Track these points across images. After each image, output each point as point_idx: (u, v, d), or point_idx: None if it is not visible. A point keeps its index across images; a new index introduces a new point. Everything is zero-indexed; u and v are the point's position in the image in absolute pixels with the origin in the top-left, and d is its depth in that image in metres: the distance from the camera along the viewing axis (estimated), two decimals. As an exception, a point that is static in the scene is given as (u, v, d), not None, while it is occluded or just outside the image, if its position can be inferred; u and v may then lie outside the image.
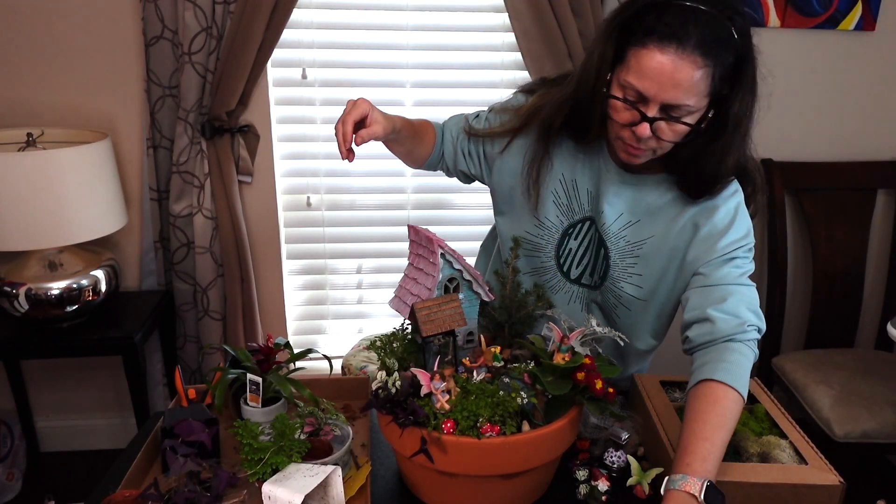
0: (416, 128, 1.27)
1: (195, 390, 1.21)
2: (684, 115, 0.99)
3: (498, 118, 1.27)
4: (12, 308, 1.80)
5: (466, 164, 1.31)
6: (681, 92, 0.96)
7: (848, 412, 1.85)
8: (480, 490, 0.98)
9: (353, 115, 1.09)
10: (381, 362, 1.07)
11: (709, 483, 0.91)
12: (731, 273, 1.09)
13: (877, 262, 2.36)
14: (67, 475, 2.26)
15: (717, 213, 1.12)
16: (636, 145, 1.05)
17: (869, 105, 2.25)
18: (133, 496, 0.96)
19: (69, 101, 1.99)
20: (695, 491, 0.90)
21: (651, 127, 1.01)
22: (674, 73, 0.95)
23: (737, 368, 1.01)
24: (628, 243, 1.18)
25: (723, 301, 1.06)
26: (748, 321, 1.05)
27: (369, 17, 2.04)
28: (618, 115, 1.04)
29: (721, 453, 0.95)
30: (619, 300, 1.23)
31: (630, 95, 1.01)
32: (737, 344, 1.04)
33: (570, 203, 1.22)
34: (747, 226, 1.13)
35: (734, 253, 1.10)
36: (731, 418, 0.98)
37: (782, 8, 2.08)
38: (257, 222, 2.17)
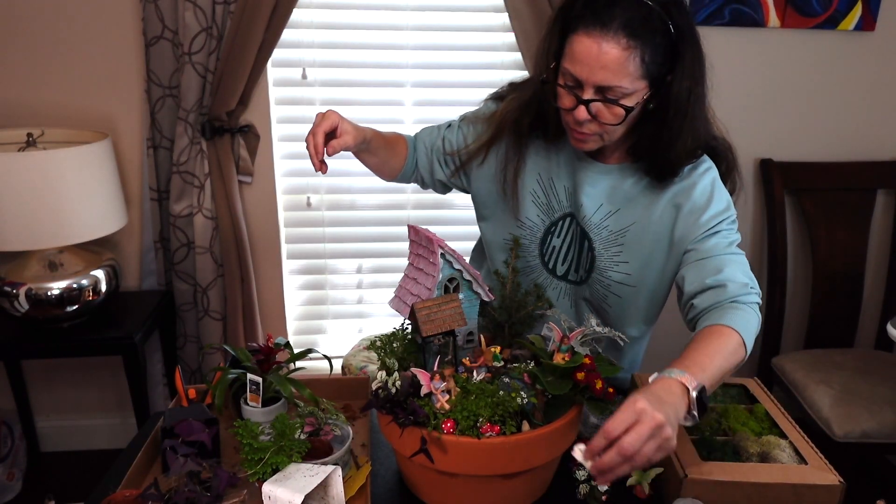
0: (388, 139, 1.30)
1: (195, 390, 1.21)
2: (619, 97, 1.03)
3: (471, 128, 1.31)
4: (12, 308, 1.80)
5: (444, 172, 1.34)
6: (609, 73, 1.00)
7: (848, 412, 1.85)
8: (480, 490, 0.98)
9: (324, 126, 1.10)
10: (381, 362, 1.07)
11: (702, 387, 0.90)
12: (720, 244, 1.12)
13: (877, 262, 2.36)
14: (67, 475, 2.26)
15: (695, 191, 1.15)
16: (579, 129, 1.09)
17: (869, 105, 2.25)
18: (133, 496, 0.96)
19: (69, 101, 1.99)
20: (690, 385, 0.89)
21: (589, 110, 1.05)
22: (599, 55, 1.00)
23: (743, 322, 1.02)
24: (611, 232, 1.21)
25: (719, 271, 1.09)
26: (749, 283, 1.08)
27: (369, 16, 2.04)
28: (561, 101, 1.09)
29: (716, 377, 0.95)
30: (609, 289, 1.25)
31: (569, 81, 1.06)
32: (742, 305, 1.06)
33: (549, 201, 1.26)
34: (726, 199, 1.17)
35: (718, 226, 1.13)
36: (731, 353, 0.98)
37: (782, 8, 2.08)
38: (257, 222, 2.17)
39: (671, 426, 0.83)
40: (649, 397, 0.84)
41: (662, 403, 0.84)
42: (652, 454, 0.82)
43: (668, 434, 0.82)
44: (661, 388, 0.88)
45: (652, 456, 0.82)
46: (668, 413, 0.83)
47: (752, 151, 2.26)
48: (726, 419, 1.15)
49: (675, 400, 0.87)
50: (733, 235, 1.15)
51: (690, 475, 0.98)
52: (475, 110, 1.33)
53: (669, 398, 0.87)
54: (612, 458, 0.81)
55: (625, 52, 0.99)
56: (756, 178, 2.29)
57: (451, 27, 2.08)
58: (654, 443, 0.82)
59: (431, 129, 1.36)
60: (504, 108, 1.24)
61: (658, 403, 0.84)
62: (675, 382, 0.90)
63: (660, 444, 0.82)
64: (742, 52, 2.14)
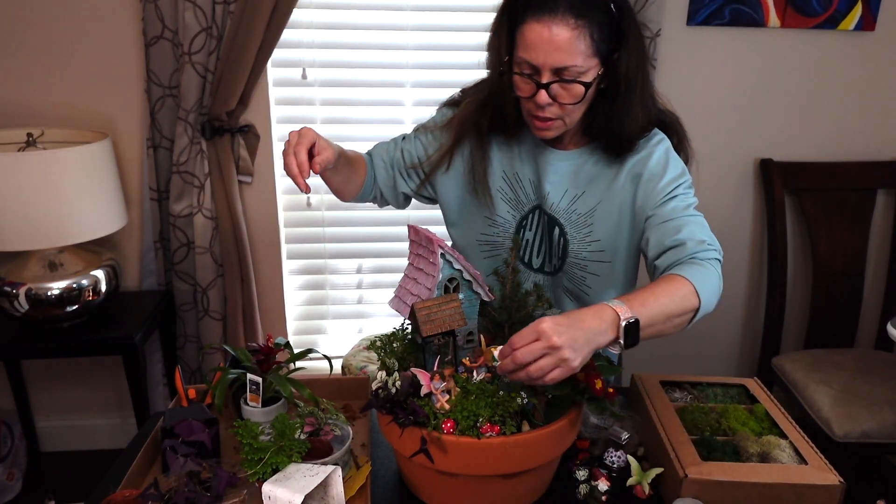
0: (350, 157, 1.30)
1: (195, 390, 1.21)
2: (575, 75, 1.08)
3: (429, 136, 1.33)
4: (12, 308, 1.80)
5: (408, 185, 1.36)
6: (563, 54, 1.05)
7: (848, 412, 1.85)
8: (480, 490, 0.98)
9: (304, 144, 1.07)
10: (381, 362, 1.07)
11: (636, 320, 0.93)
12: (678, 207, 1.16)
13: (877, 262, 2.36)
14: (67, 475, 2.26)
15: (650, 160, 1.20)
16: (542, 115, 1.13)
17: (869, 105, 2.25)
18: (133, 496, 0.96)
19: (69, 101, 1.99)
20: (623, 314, 0.93)
21: (549, 93, 1.09)
22: (552, 37, 1.05)
23: (697, 273, 1.04)
24: (580, 215, 1.25)
25: (678, 231, 1.12)
26: (706, 241, 1.11)
27: (369, 17, 2.04)
28: (520, 90, 1.13)
29: (659, 315, 0.98)
30: (586, 270, 1.28)
31: (525, 69, 1.10)
32: (699, 261, 1.08)
33: (517, 196, 1.29)
34: (681, 165, 1.22)
35: (675, 191, 1.17)
36: (679, 297, 1.01)
37: (782, 8, 2.08)
38: (257, 222, 2.17)
39: (571, 349, 0.88)
40: (559, 320, 0.90)
41: (570, 328, 0.89)
42: (548, 369, 0.88)
43: (564, 356, 0.88)
44: (585, 313, 0.93)
45: (549, 371, 0.88)
46: (573, 337, 0.89)
47: (752, 151, 2.26)
48: (726, 419, 1.15)
49: (591, 325, 0.91)
50: (690, 199, 1.19)
51: (690, 475, 0.98)
52: (429, 119, 1.36)
53: (585, 324, 0.91)
54: (508, 364, 0.90)
55: (574, 31, 1.05)
56: (756, 178, 2.29)
57: (451, 27, 2.08)
58: (549, 360, 0.88)
59: (387, 144, 1.37)
60: (461, 112, 1.28)
61: (565, 327, 0.89)
62: (609, 309, 0.94)
63: (555, 363, 0.88)
64: (742, 52, 2.14)
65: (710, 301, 1.04)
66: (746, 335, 2.49)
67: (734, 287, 2.41)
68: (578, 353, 0.89)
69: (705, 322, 1.09)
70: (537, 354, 0.88)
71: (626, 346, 0.93)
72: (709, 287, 1.04)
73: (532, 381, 0.89)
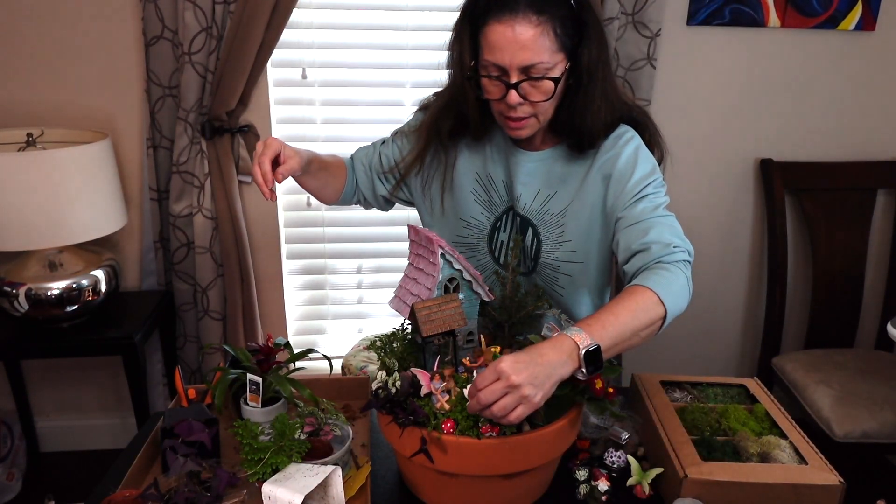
0: (327, 162, 1.33)
1: (195, 390, 1.22)
2: (543, 72, 1.08)
3: (404, 140, 1.35)
4: (12, 308, 1.80)
5: (385, 188, 1.38)
6: (530, 52, 1.06)
7: (848, 412, 1.85)
8: (480, 490, 0.98)
9: (268, 154, 1.12)
10: (381, 362, 1.07)
11: (597, 346, 0.93)
12: (646, 208, 1.16)
13: (877, 262, 2.36)
14: (67, 475, 2.26)
15: (619, 160, 1.19)
16: (514, 115, 1.13)
17: (869, 105, 2.25)
18: (133, 496, 0.96)
19: (69, 101, 1.99)
20: (581, 343, 0.93)
21: (519, 93, 1.10)
22: (515, 36, 1.05)
23: (663, 280, 1.05)
24: (553, 215, 1.25)
25: (645, 233, 1.12)
26: (672, 243, 1.11)
27: (369, 17, 2.04)
28: (489, 93, 1.14)
29: (622, 333, 0.98)
30: (558, 271, 1.28)
31: (493, 72, 1.11)
32: (666, 265, 1.08)
33: (490, 197, 1.30)
34: (651, 163, 1.21)
35: (644, 190, 1.17)
36: (643, 310, 1.01)
37: (782, 8, 2.08)
38: (257, 222, 2.17)
39: (531, 385, 0.88)
40: (518, 357, 0.90)
41: (529, 364, 0.89)
42: (510, 407, 0.88)
43: (524, 393, 0.88)
44: (544, 347, 0.93)
45: (511, 409, 0.88)
46: (532, 374, 0.89)
47: (752, 151, 2.26)
48: (726, 419, 1.15)
49: (551, 359, 0.91)
50: (660, 198, 1.18)
51: (690, 475, 0.98)
52: (406, 122, 1.37)
53: (544, 358, 0.91)
54: (474, 405, 0.91)
55: (537, 28, 1.05)
56: (756, 178, 2.29)
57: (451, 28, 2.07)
58: (510, 399, 0.88)
59: (367, 148, 1.40)
60: (427, 117, 1.29)
61: (524, 364, 0.89)
62: (567, 340, 0.94)
63: (517, 401, 0.88)
64: (742, 52, 2.14)
65: (678, 305, 1.05)
66: (746, 335, 2.49)
67: (734, 287, 2.41)
68: (539, 388, 0.89)
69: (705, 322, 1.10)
70: (499, 395, 0.88)
71: (588, 374, 0.94)
72: (674, 292, 1.04)
73: (498, 419, 0.90)
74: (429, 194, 1.34)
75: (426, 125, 1.29)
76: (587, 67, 1.11)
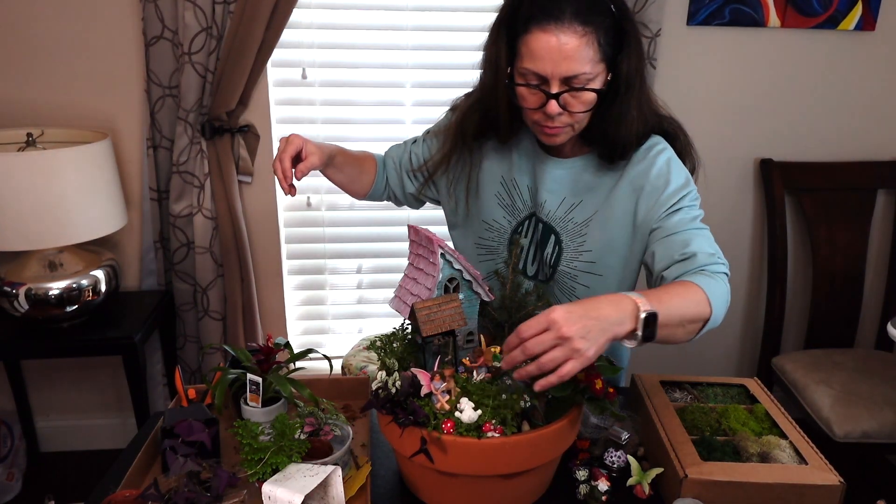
0: (355, 157, 1.33)
1: (195, 390, 1.21)
2: (584, 83, 1.06)
3: (434, 140, 1.34)
4: (12, 308, 1.80)
5: (413, 184, 1.38)
6: (573, 62, 1.03)
7: (848, 412, 1.85)
8: (480, 490, 0.98)
9: (289, 151, 1.14)
10: (381, 362, 1.07)
11: (655, 313, 0.90)
12: (684, 219, 1.14)
13: (877, 262, 2.36)
14: (67, 475, 2.26)
15: (651, 172, 1.17)
16: (551, 125, 1.11)
17: (869, 105, 2.25)
18: (133, 496, 0.96)
19: (69, 101, 1.99)
20: (642, 306, 0.90)
21: (559, 102, 1.07)
22: (560, 47, 1.03)
23: (711, 284, 1.03)
24: (576, 224, 1.23)
25: (687, 244, 1.10)
26: (716, 254, 1.10)
27: (369, 17, 2.04)
28: (526, 101, 1.11)
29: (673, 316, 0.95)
30: (576, 280, 1.26)
31: (531, 80, 1.08)
32: (710, 273, 1.07)
33: (513, 202, 1.28)
34: (684, 175, 1.19)
35: (679, 203, 1.16)
36: (693, 302, 0.99)
37: (782, 8, 2.08)
38: (257, 222, 2.17)
39: (584, 339, 0.85)
40: (572, 308, 0.87)
41: (583, 317, 0.86)
42: (559, 360, 0.85)
43: (576, 346, 0.84)
44: (601, 301, 0.90)
45: (561, 363, 0.85)
46: (586, 327, 0.86)
47: (752, 151, 2.26)
48: (726, 419, 1.15)
49: (608, 314, 0.89)
50: (695, 211, 1.17)
51: (690, 475, 0.98)
52: (437, 122, 1.37)
53: (601, 312, 0.88)
54: (516, 356, 0.87)
55: (582, 38, 1.03)
56: (756, 178, 2.29)
57: (451, 28, 2.08)
58: (560, 351, 0.85)
59: (399, 146, 1.40)
60: (454, 118, 1.29)
61: (577, 317, 0.86)
62: (627, 299, 0.91)
63: (567, 354, 0.85)
64: (742, 52, 2.14)
65: (720, 313, 1.03)
66: (746, 335, 2.49)
67: (734, 287, 2.38)
68: (592, 343, 0.86)
69: (705, 322, 1.09)
70: (548, 346, 0.85)
71: (643, 340, 0.91)
72: (720, 299, 1.03)
73: (541, 369, 0.85)
74: (454, 195, 1.33)
75: (453, 126, 1.28)
76: (626, 78, 1.09)
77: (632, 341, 0.91)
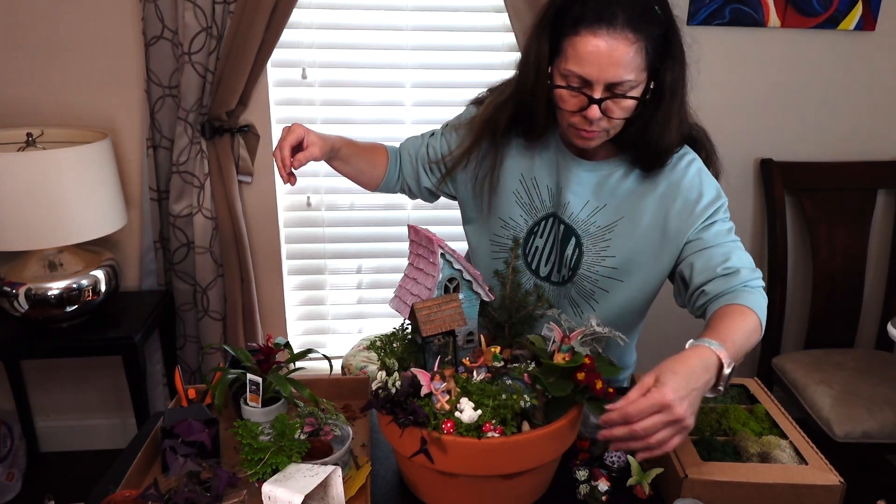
0: (363, 149, 1.32)
1: (195, 390, 1.21)
2: (627, 90, 1.05)
3: (454, 134, 1.32)
4: (12, 308, 1.80)
5: (430, 180, 1.36)
6: (621, 69, 1.02)
7: (848, 412, 1.85)
8: (480, 490, 0.98)
9: (289, 139, 1.13)
10: (381, 362, 1.07)
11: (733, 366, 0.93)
12: (721, 231, 1.15)
13: (877, 262, 2.36)
14: (67, 475, 2.26)
15: (682, 184, 1.17)
16: (589, 129, 1.09)
17: (869, 105, 2.25)
18: (133, 496, 0.96)
19: (69, 101, 1.99)
20: (725, 361, 0.92)
21: (600, 107, 1.05)
22: (610, 52, 1.01)
23: (759, 304, 1.06)
24: (599, 228, 1.22)
25: (727, 258, 1.12)
26: (755, 268, 1.12)
27: (369, 17, 2.04)
28: (565, 103, 1.09)
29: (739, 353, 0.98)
30: (596, 284, 1.25)
31: (574, 82, 1.06)
32: (752, 289, 1.09)
33: (531, 201, 1.27)
34: (715, 186, 1.19)
35: (714, 215, 1.16)
36: (752, 332, 1.02)
37: (782, 8, 2.08)
38: (257, 222, 2.17)
39: (692, 414, 0.86)
40: (678, 385, 0.86)
41: (690, 392, 0.87)
42: (667, 440, 0.86)
43: (687, 424, 0.85)
44: (694, 367, 0.90)
45: (667, 442, 0.86)
46: (693, 399, 0.86)
47: (752, 151, 2.26)
48: (726, 419, 1.15)
49: (705, 379, 0.90)
50: (729, 223, 1.18)
51: (690, 475, 0.98)
52: (457, 116, 1.35)
53: (699, 380, 0.89)
54: (622, 433, 0.86)
55: (633, 46, 1.01)
56: (756, 178, 2.29)
57: (451, 27, 2.07)
58: (671, 431, 0.85)
59: (416, 139, 1.38)
60: (482, 112, 1.26)
61: (685, 393, 0.86)
62: (712, 356, 0.92)
63: (677, 432, 0.86)
64: (742, 52, 2.14)
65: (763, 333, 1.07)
66: (746, 335, 2.48)
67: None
68: (696, 411, 0.88)
69: (706, 322, 1.09)
70: (660, 428, 0.85)
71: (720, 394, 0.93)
72: (764, 316, 1.07)
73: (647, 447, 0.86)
74: (475, 191, 1.31)
75: (479, 121, 1.25)
76: (670, 86, 1.09)
77: (712, 393, 0.93)
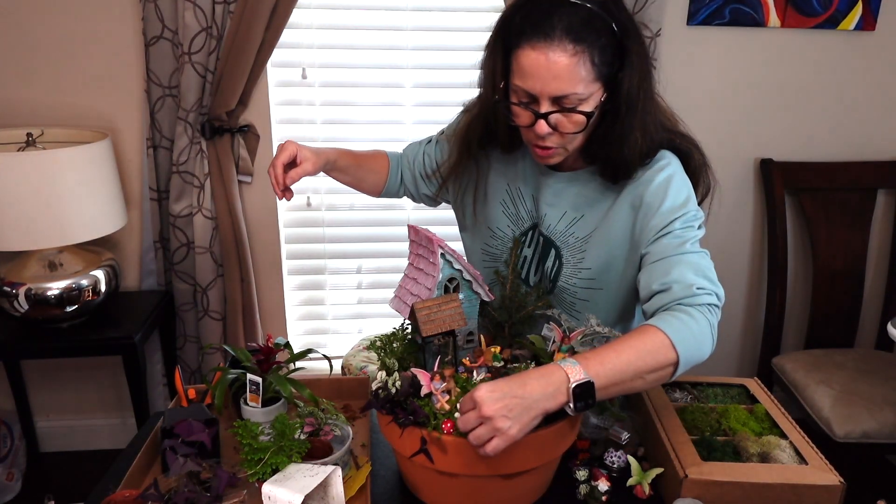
0: (363, 158, 1.32)
1: (195, 390, 1.21)
2: (576, 103, 1.01)
3: (446, 145, 1.32)
4: (12, 308, 1.80)
5: (428, 187, 1.36)
6: (563, 82, 0.99)
7: (848, 412, 1.85)
8: (480, 490, 0.98)
9: (282, 158, 1.14)
10: (381, 362, 1.07)
11: (589, 382, 0.89)
12: (671, 244, 1.07)
13: (877, 262, 2.36)
14: (67, 475, 2.26)
15: (648, 189, 1.11)
16: (542, 144, 1.07)
17: (869, 105, 2.25)
18: (133, 496, 0.96)
19: (69, 101, 1.99)
20: (573, 376, 0.88)
21: (549, 122, 1.03)
22: (549, 65, 0.98)
23: (679, 324, 0.97)
24: (577, 239, 1.20)
25: (667, 273, 1.04)
26: (696, 284, 1.01)
27: (369, 17, 2.04)
28: (518, 119, 1.07)
29: (623, 373, 0.92)
30: (575, 296, 1.23)
31: (522, 98, 1.04)
32: (686, 307, 1.00)
33: (517, 211, 1.26)
34: (684, 195, 1.11)
35: (670, 226, 1.08)
36: (650, 352, 0.94)
37: (782, 8, 2.08)
38: (257, 222, 2.17)
39: (505, 418, 0.85)
40: (497, 386, 0.87)
41: (506, 396, 0.86)
42: (484, 438, 0.86)
43: (497, 425, 0.85)
44: (530, 376, 0.89)
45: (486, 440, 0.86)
46: (508, 406, 0.85)
47: (752, 151, 2.26)
48: (726, 419, 1.15)
49: (534, 390, 0.87)
50: (690, 233, 1.08)
51: (690, 475, 0.98)
52: (451, 123, 1.35)
53: (526, 388, 0.87)
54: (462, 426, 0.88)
55: (573, 57, 0.98)
56: (756, 178, 2.29)
57: (451, 28, 2.07)
58: (484, 429, 0.86)
59: (415, 146, 1.39)
60: (459, 128, 1.26)
61: (499, 396, 0.86)
62: (559, 371, 0.89)
63: (490, 433, 0.86)
64: (742, 52, 2.14)
65: (696, 352, 0.98)
66: (746, 335, 2.49)
67: (734, 287, 2.40)
68: (515, 421, 0.85)
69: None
70: (473, 424, 0.86)
71: (578, 410, 0.89)
72: (691, 337, 0.97)
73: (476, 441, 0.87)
74: (464, 201, 1.31)
75: (457, 136, 1.25)
76: (626, 97, 1.03)
77: (569, 410, 0.89)
